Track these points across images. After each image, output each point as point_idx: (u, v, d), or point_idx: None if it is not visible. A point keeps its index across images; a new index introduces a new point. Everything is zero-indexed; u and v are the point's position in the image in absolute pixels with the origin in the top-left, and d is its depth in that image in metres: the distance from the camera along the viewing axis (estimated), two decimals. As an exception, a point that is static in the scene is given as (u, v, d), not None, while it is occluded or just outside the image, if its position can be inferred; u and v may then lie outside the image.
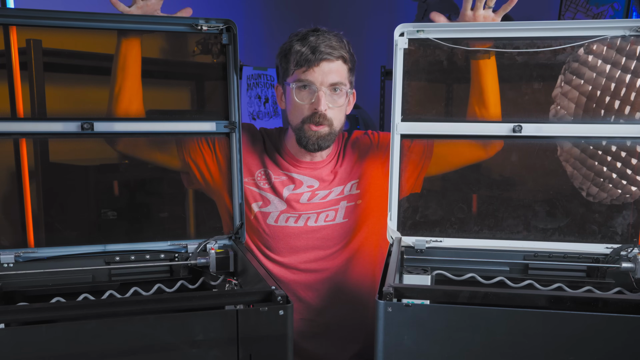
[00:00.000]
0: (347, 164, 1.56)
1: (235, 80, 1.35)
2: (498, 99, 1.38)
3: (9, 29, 1.21)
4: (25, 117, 1.25)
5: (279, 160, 1.55)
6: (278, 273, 1.53)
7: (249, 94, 3.13)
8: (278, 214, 1.52)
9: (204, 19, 1.29)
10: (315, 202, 1.53)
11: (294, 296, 1.54)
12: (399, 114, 1.36)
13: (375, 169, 1.56)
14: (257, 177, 1.53)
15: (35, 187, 1.30)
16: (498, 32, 1.31)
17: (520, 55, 1.32)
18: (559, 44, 1.30)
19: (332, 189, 1.54)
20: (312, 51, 1.41)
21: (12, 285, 1.22)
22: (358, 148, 1.58)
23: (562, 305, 0.95)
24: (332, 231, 1.54)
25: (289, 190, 1.53)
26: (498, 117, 1.38)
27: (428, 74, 1.38)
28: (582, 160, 1.33)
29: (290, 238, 1.53)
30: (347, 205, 1.54)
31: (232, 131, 1.37)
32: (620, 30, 1.26)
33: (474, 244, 1.36)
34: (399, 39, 1.32)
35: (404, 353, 0.97)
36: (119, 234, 1.35)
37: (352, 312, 1.57)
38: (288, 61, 1.46)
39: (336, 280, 1.55)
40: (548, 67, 1.33)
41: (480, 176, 1.42)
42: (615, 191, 1.32)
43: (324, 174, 1.55)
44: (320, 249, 1.54)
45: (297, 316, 1.54)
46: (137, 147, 1.40)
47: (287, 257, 1.53)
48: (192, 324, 0.93)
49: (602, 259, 1.30)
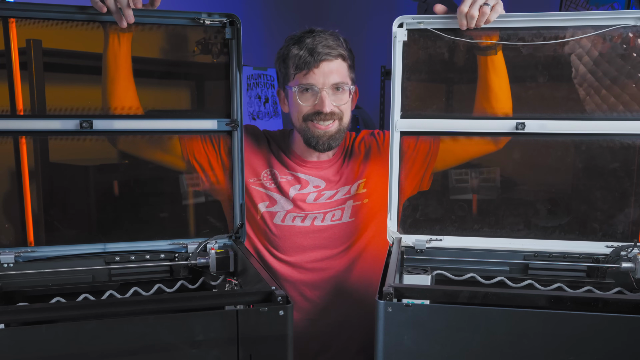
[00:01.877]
0: (354, 163, 1.56)
1: (238, 77, 1.34)
2: (508, 94, 1.34)
3: (9, 23, 1.21)
4: (25, 115, 1.25)
5: (285, 160, 1.55)
6: (285, 272, 1.53)
7: (249, 94, 3.13)
8: (285, 213, 1.52)
9: (206, 13, 1.29)
10: (321, 202, 1.53)
11: (300, 296, 1.54)
12: (398, 110, 1.34)
13: (382, 169, 1.55)
14: (263, 177, 1.53)
15: (35, 185, 1.30)
16: (501, 23, 1.27)
17: (523, 47, 1.29)
18: (566, 35, 1.26)
19: (339, 189, 1.54)
20: (310, 53, 1.40)
21: (12, 285, 1.22)
22: (364, 147, 1.58)
23: (562, 305, 0.95)
24: (338, 230, 1.54)
25: (295, 190, 1.53)
26: (508, 112, 1.34)
27: (428, 67, 1.35)
28: (597, 89, 1.28)
29: (296, 237, 1.53)
30: (353, 204, 1.54)
31: (233, 129, 1.37)
32: (632, 20, 1.23)
33: (474, 242, 1.36)
34: (398, 31, 1.30)
35: (404, 353, 0.97)
36: (119, 233, 1.35)
37: (358, 311, 1.57)
38: (287, 66, 1.46)
39: (342, 279, 1.55)
40: (554, 59, 1.29)
41: (481, 174, 1.41)
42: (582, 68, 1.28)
43: (331, 175, 1.55)
44: (326, 248, 1.54)
45: (304, 316, 1.54)
46: (140, 148, 1.40)
47: (293, 256, 1.53)
48: (192, 324, 0.93)
49: (602, 259, 1.29)
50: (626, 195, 1.33)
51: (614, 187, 1.34)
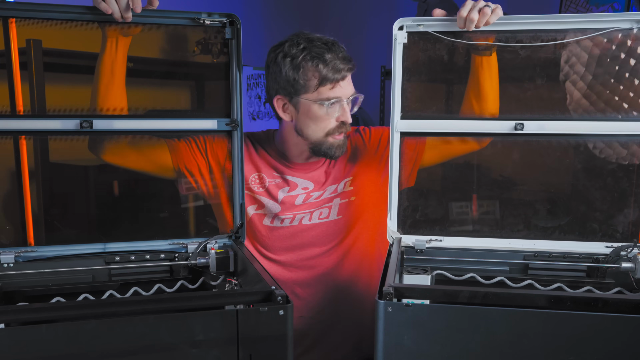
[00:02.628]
0: (340, 162, 1.56)
1: (238, 77, 1.34)
2: (497, 95, 1.36)
3: (9, 23, 1.21)
4: (25, 115, 1.25)
5: (273, 162, 1.55)
6: (276, 272, 1.53)
7: (249, 94, 3.13)
8: (273, 216, 1.53)
9: (206, 13, 1.29)
10: (310, 202, 1.53)
11: (292, 294, 1.54)
12: (398, 112, 1.35)
13: (368, 165, 1.56)
14: (252, 182, 1.53)
15: (35, 185, 1.30)
16: (499, 26, 1.27)
17: (522, 49, 1.30)
18: (563, 37, 1.27)
19: (326, 188, 1.55)
20: (336, 69, 1.41)
21: (12, 285, 1.22)
22: (351, 145, 1.58)
23: (562, 305, 0.95)
24: (326, 228, 1.54)
25: (284, 192, 1.53)
26: (495, 113, 1.36)
27: (428, 69, 1.36)
28: (593, 113, 1.30)
29: (285, 238, 1.53)
30: (340, 202, 1.54)
31: (233, 129, 1.37)
32: (627, 23, 1.24)
33: (474, 242, 1.36)
34: (398, 33, 1.31)
35: (404, 353, 0.97)
36: (119, 233, 1.35)
37: (349, 308, 1.58)
38: (306, 77, 1.41)
39: (333, 276, 1.56)
40: (551, 61, 1.31)
41: (480, 175, 1.42)
42: (621, 150, 1.30)
43: (318, 176, 1.55)
44: (315, 246, 1.54)
45: (296, 314, 1.54)
46: (129, 160, 1.38)
47: (283, 255, 1.54)
48: (192, 324, 0.93)
49: (602, 259, 1.29)
50: (626, 196, 1.33)
51: (613, 187, 1.34)
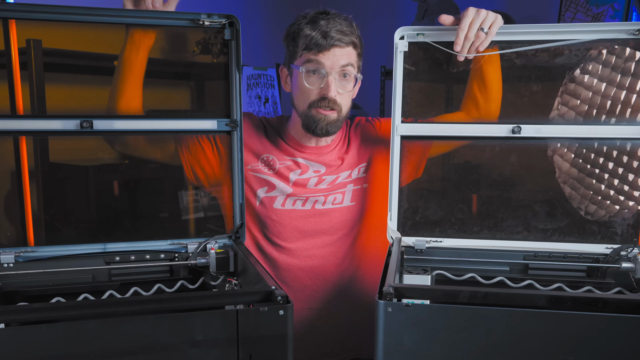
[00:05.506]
0: (354, 148, 1.56)
1: (237, 78, 1.34)
2: (500, 84, 1.36)
3: (9, 24, 1.21)
4: (25, 115, 1.25)
5: (283, 145, 1.54)
6: (285, 261, 1.52)
7: (249, 94, 3.13)
8: (285, 197, 1.51)
9: (206, 14, 1.28)
10: (323, 188, 1.52)
11: (301, 285, 1.53)
12: (399, 116, 1.37)
13: (380, 154, 1.55)
14: (262, 163, 1.52)
15: (35, 185, 1.30)
16: (498, 36, 1.30)
17: (517, 57, 1.32)
18: (561, 47, 1.30)
19: (340, 173, 1.53)
20: (324, 36, 1.38)
21: (12, 285, 1.22)
22: (362, 133, 1.58)
23: (562, 305, 0.95)
24: (339, 214, 1.53)
25: (295, 174, 1.51)
26: (498, 105, 1.38)
27: (428, 76, 1.39)
28: (580, 179, 1.35)
29: (297, 221, 1.51)
30: (353, 188, 1.54)
31: (233, 129, 1.37)
32: (623, 33, 1.26)
33: (474, 244, 1.37)
34: (399, 42, 1.33)
35: (404, 353, 0.97)
36: (119, 233, 1.35)
37: (357, 301, 1.56)
38: (296, 44, 1.42)
39: (343, 266, 1.55)
40: (548, 68, 1.33)
41: (480, 176, 1.42)
42: (613, 208, 1.33)
43: (331, 160, 1.54)
44: (327, 233, 1.53)
45: (305, 306, 1.53)
46: (138, 148, 1.39)
47: (294, 242, 1.52)
48: (192, 324, 0.93)
49: (602, 259, 1.30)
50: (625, 197, 1.33)
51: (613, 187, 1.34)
